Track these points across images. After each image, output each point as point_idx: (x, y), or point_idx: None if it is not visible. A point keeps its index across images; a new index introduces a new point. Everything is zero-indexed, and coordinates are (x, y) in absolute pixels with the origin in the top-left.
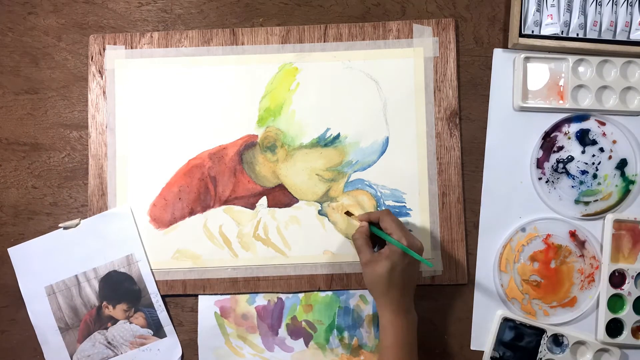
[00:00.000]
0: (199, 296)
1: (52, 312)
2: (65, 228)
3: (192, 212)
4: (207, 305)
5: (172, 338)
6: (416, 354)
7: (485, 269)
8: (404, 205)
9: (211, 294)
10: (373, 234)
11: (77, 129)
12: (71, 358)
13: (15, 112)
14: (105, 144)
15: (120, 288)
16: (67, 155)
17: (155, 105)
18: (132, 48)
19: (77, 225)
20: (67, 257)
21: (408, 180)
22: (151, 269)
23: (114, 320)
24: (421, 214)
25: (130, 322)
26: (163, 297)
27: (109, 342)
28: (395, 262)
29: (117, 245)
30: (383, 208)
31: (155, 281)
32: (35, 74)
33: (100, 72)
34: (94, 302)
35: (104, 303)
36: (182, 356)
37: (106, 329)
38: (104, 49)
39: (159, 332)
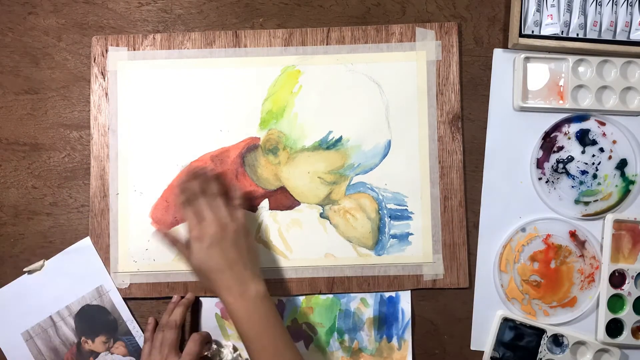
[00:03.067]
0: (200, 298)
1: (33, 357)
2: (29, 272)
3: None
4: (208, 307)
5: None
6: (275, 325)
7: (485, 269)
8: (406, 209)
9: (212, 297)
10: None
11: (77, 129)
12: None
13: (15, 112)
14: (107, 145)
15: (95, 321)
16: (67, 155)
17: (157, 107)
18: (134, 50)
19: (41, 267)
20: (38, 299)
21: (410, 183)
22: (122, 297)
23: (95, 354)
24: (423, 218)
25: (112, 353)
26: (164, 299)
27: None
28: (196, 250)
29: (85, 280)
30: (385, 211)
31: (129, 308)
32: (35, 74)
33: (102, 74)
34: (73, 339)
35: (83, 338)
36: None
37: None
38: (106, 51)
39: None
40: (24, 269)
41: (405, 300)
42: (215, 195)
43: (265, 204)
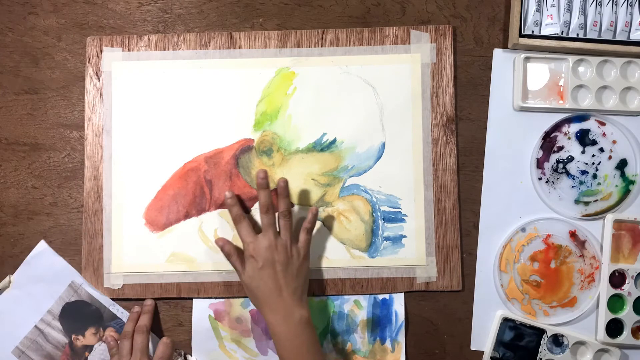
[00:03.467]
0: (194, 299)
1: None
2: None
3: (187, 215)
4: (201, 308)
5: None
6: (315, 352)
7: (485, 269)
8: (399, 211)
9: (205, 298)
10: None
11: (77, 129)
12: None
13: (15, 112)
14: (102, 146)
15: (80, 316)
16: (67, 155)
17: (151, 108)
18: (129, 50)
19: (9, 283)
20: (18, 314)
21: (404, 186)
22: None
23: (90, 347)
24: (416, 220)
25: (105, 341)
26: (157, 299)
27: None
28: (250, 269)
29: (56, 281)
30: (378, 214)
31: (105, 293)
32: (35, 74)
33: (97, 74)
34: (64, 340)
35: (73, 336)
36: None
37: (86, 359)
38: (101, 51)
39: None
40: None
41: (398, 303)
42: (285, 214)
43: (258, 205)
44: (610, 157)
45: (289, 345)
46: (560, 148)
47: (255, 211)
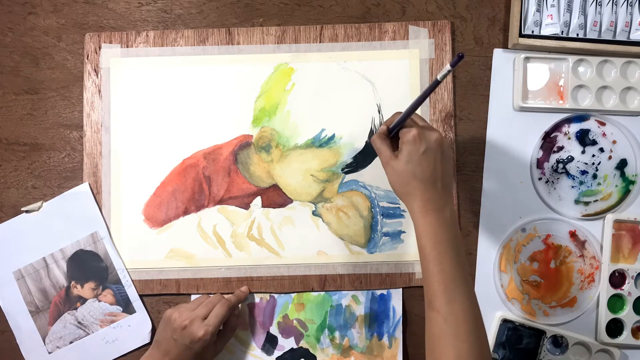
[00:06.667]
0: (192, 295)
1: (22, 296)
2: (27, 212)
3: (186, 212)
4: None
5: (141, 313)
6: (457, 252)
7: (485, 270)
8: (398, 207)
9: (205, 294)
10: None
11: (77, 129)
12: (44, 341)
13: (15, 112)
14: (100, 142)
15: (87, 266)
16: (67, 155)
17: (150, 105)
18: (127, 47)
19: (39, 208)
20: (33, 240)
21: None
22: (114, 244)
23: (83, 300)
24: None
25: (99, 301)
26: (156, 296)
27: (79, 322)
28: (409, 152)
29: (81, 224)
30: (377, 209)
31: (121, 257)
32: (35, 74)
33: (95, 71)
34: (63, 282)
35: (72, 283)
36: (153, 329)
37: (75, 309)
38: (99, 48)
39: (128, 308)
40: (22, 209)
41: (396, 298)
42: None
43: (257, 201)
44: (610, 157)
45: (434, 239)
46: (560, 148)
47: (254, 207)
